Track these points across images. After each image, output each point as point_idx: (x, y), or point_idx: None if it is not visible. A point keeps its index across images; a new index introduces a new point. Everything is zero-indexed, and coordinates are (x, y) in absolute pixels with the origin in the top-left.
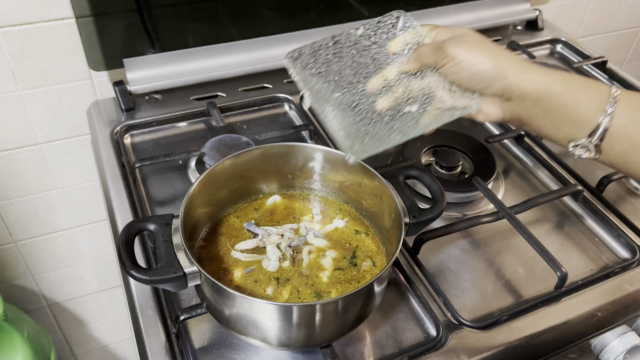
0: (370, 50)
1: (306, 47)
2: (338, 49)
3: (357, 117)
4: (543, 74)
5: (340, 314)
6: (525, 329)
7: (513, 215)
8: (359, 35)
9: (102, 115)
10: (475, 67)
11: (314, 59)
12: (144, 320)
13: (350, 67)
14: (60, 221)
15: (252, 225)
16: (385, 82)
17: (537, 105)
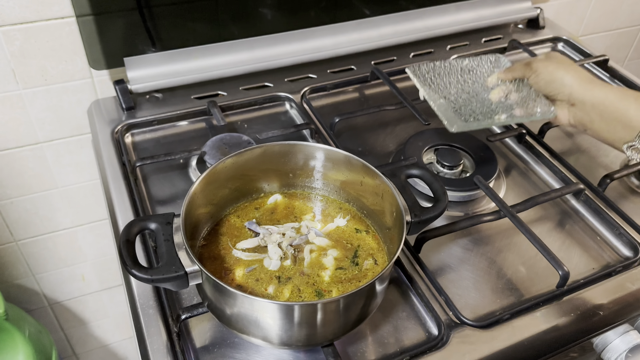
0: (471, 75)
1: (424, 63)
2: (447, 70)
3: (460, 113)
4: (601, 85)
5: (342, 313)
6: (527, 327)
7: (515, 214)
8: (465, 64)
9: (102, 114)
10: (550, 76)
11: (431, 71)
12: (145, 319)
13: (455, 85)
14: (61, 220)
15: (254, 224)
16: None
17: (595, 110)
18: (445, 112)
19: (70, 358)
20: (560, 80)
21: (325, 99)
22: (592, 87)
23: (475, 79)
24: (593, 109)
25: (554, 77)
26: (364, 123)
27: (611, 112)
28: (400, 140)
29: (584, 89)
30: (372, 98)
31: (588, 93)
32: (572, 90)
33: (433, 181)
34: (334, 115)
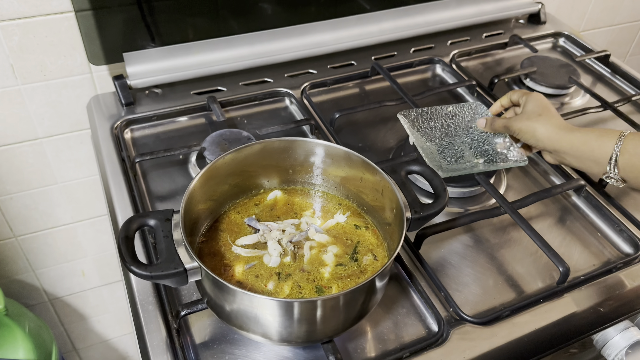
0: (454, 120)
1: (413, 110)
2: (433, 115)
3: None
4: (568, 133)
5: (341, 309)
6: (527, 324)
7: (515, 210)
8: (449, 110)
9: (102, 109)
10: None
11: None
12: (145, 315)
13: (439, 129)
14: (60, 216)
15: (253, 220)
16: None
17: (567, 154)
18: (431, 156)
19: (70, 353)
20: (533, 137)
21: (325, 95)
22: (559, 137)
23: (458, 123)
24: (565, 154)
25: (528, 135)
26: (364, 119)
27: (581, 154)
28: (401, 136)
29: (554, 141)
30: (372, 93)
31: (557, 144)
32: (545, 144)
33: (433, 177)
34: (334, 110)
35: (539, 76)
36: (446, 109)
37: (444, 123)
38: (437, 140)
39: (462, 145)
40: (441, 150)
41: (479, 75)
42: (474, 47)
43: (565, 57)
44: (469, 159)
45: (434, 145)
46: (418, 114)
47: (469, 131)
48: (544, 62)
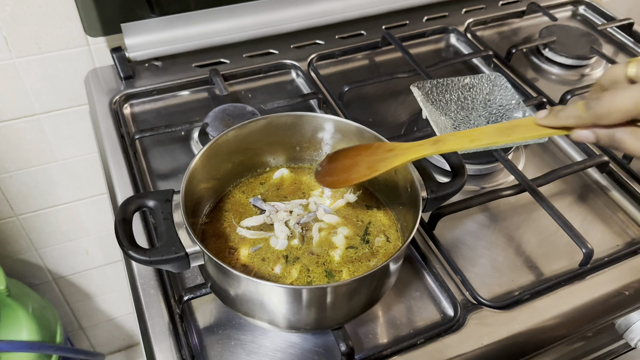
0: (471, 93)
1: (427, 81)
2: (449, 87)
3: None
4: None
5: (353, 295)
6: (548, 308)
7: (535, 188)
8: (466, 82)
9: (100, 83)
10: None
11: (434, 88)
12: (146, 300)
13: (455, 102)
14: (62, 194)
15: (259, 200)
16: None
17: None
18: (445, 131)
19: (76, 332)
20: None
21: (333, 67)
22: None
23: (475, 95)
24: None
25: None
26: (374, 92)
27: None
28: (413, 110)
29: None
30: (383, 65)
31: None
32: None
33: (450, 154)
34: (343, 83)
35: (558, 46)
36: (463, 80)
37: (460, 95)
38: (452, 114)
39: (478, 120)
40: (456, 124)
41: (495, 45)
42: (490, 16)
43: (586, 25)
44: None
45: (448, 119)
46: (433, 86)
47: (486, 104)
48: (563, 31)
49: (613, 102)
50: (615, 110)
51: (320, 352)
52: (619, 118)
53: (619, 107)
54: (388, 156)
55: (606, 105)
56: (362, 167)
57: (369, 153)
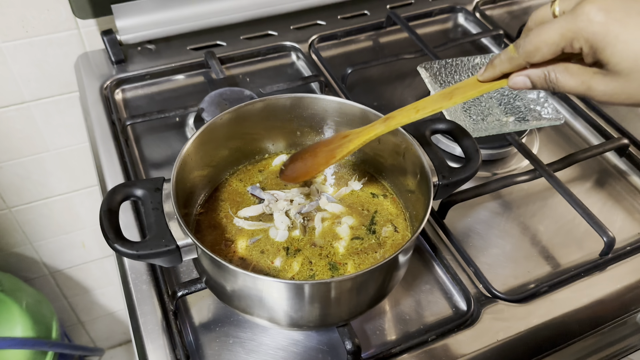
0: None
1: (435, 62)
2: (458, 68)
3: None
4: None
5: (359, 290)
6: (567, 301)
7: (552, 174)
8: (476, 62)
9: (90, 68)
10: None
11: (442, 69)
12: (138, 296)
13: None
14: (55, 185)
15: (257, 189)
16: None
17: None
18: (455, 114)
19: (75, 326)
20: None
21: (335, 49)
22: None
23: None
24: None
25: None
26: (379, 74)
27: None
28: (421, 93)
29: None
30: (388, 47)
31: None
32: None
33: (463, 137)
34: (346, 66)
35: None
36: (473, 60)
37: (470, 76)
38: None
39: (490, 102)
40: (466, 107)
41: (505, 24)
42: None
43: None
44: (498, 117)
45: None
46: (441, 66)
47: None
48: None
49: (540, 36)
50: (543, 44)
51: (325, 350)
52: (549, 52)
53: (546, 39)
54: (343, 142)
55: (534, 41)
56: (320, 158)
57: (326, 143)
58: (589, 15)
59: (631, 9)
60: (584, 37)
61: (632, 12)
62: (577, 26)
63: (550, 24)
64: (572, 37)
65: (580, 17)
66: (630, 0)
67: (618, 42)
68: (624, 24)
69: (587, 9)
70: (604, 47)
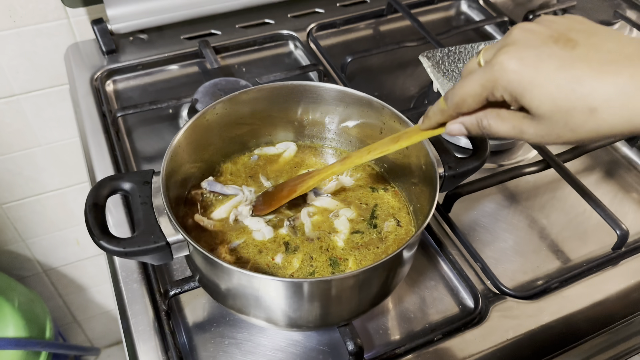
0: None
1: (438, 50)
2: (462, 56)
3: None
4: None
5: (361, 288)
6: (580, 297)
7: (562, 164)
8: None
9: (81, 59)
10: None
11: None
12: (129, 295)
13: None
14: (47, 181)
15: (215, 184)
16: None
17: None
18: None
19: (71, 325)
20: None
21: (334, 37)
22: None
23: None
24: None
25: None
26: (380, 63)
27: None
28: (423, 83)
29: None
30: (388, 35)
31: None
32: None
33: None
34: (346, 55)
35: (578, 11)
36: (477, 47)
37: None
38: None
39: None
40: None
41: (509, 11)
42: None
43: None
44: None
45: None
46: (444, 55)
47: None
48: None
49: (463, 88)
50: (466, 95)
51: (325, 351)
52: (473, 102)
53: (468, 91)
54: (305, 178)
55: (459, 93)
56: (284, 192)
57: (293, 179)
58: (502, 65)
59: (542, 53)
60: (502, 85)
61: (542, 56)
62: (493, 76)
63: (472, 76)
64: (492, 87)
65: (495, 67)
66: (541, 46)
67: (534, 87)
68: (536, 68)
69: (500, 59)
70: (522, 94)
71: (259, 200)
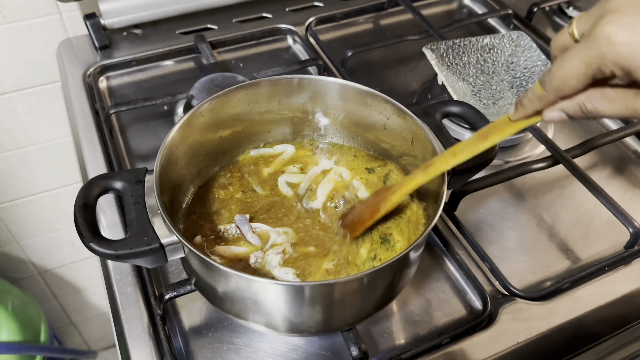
0: (491, 54)
1: (442, 42)
2: (467, 49)
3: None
4: None
5: (366, 291)
6: (592, 298)
7: (571, 160)
8: (485, 42)
9: (74, 55)
10: None
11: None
12: (122, 299)
13: (474, 65)
14: (41, 181)
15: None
16: None
17: None
18: (464, 98)
19: (67, 327)
20: None
21: (334, 32)
22: None
23: (496, 58)
24: None
25: None
26: (381, 58)
27: None
28: (425, 77)
29: None
30: (390, 29)
31: None
32: None
33: (478, 119)
34: (346, 49)
35: (585, 4)
36: (482, 40)
37: (479, 58)
38: (470, 79)
39: (501, 85)
40: (476, 90)
41: (513, 4)
42: None
43: None
44: (510, 101)
45: (467, 85)
46: (448, 47)
47: (509, 67)
48: None
49: (563, 68)
50: (569, 76)
51: (328, 356)
52: (578, 83)
53: (571, 71)
54: (387, 195)
55: (559, 75)
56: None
57: (374, 197)
58: (609, 37)
59: None
60: (612, 61)
61: None
62: (599, 51)
63: (572, 54)
64: (598, 64)
65: (600, 41)
66: None
67: None
68: None
69: (605, 30)
70: (638, 67)
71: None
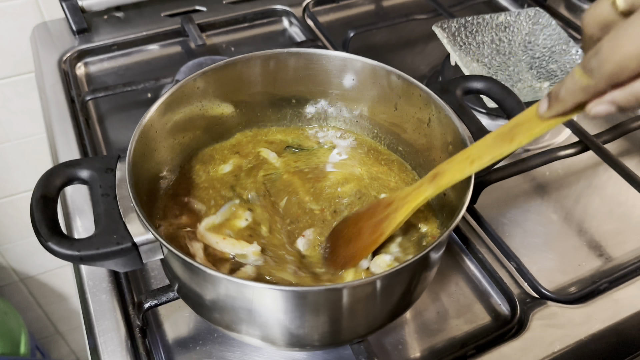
0: (507, 33)
1: (453, 20)
2: (481, 27)
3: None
4: None
5: (380, 298)
6: (635, 299)
7: (602, 146)
8: (500, 20)
9: (50, 39)
10: None
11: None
12: (96, 308)
13: (489, 45)
14: (19, 180)
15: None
16: None
17: None
18: None
19: (52, 337)
20: None
21: (333, 13)
22: None
23: (512, 37)
24: None
25: None
26: (386, 40)
27: None
28: (435, 61)
29: None
30: (393, 10)
31: None
32: None
33: (506, 96)
34: (346, 31)
35: None
36: (497, 18)
37: (494, 37)
38: (486, 60)
39: (519, 65)
40: (492, 72)
41: None
42: None
43: None
44: (530, 83)
45: (482, 66)
46: (460, 26)
47: (527, 47)
48: None
49: (621, 50)
50: (629, 59)
51: None
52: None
53: (631, 52)
54: (389, 212)
55: (614, 58)
56: (365, 235)
57: (368, 216)
58: None
59: None
60: None
61: None
62: None
63: (628, 30)
64: None
65: None
66: None
67: None
68: None
69: None
70: None
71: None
